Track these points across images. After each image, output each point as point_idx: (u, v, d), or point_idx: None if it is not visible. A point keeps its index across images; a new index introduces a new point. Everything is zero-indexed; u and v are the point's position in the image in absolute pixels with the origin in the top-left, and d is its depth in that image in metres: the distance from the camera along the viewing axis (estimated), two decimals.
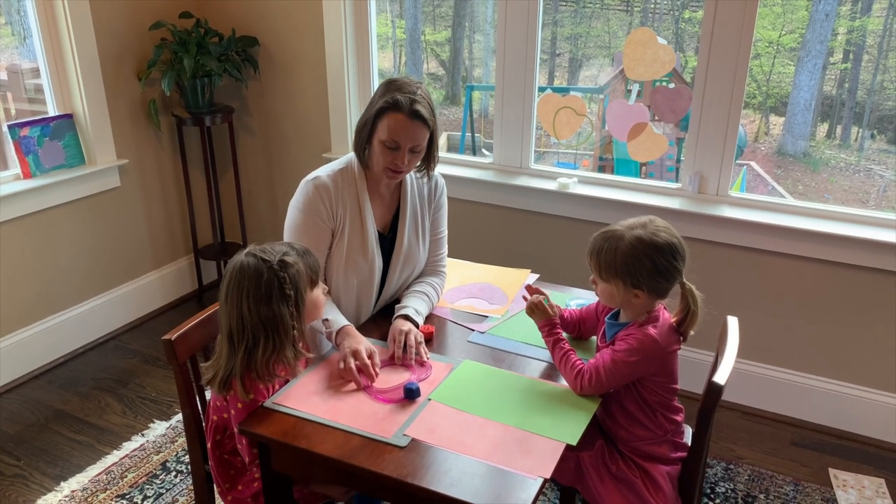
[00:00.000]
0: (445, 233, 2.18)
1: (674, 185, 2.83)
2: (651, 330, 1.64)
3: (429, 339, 1.89)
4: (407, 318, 1.90)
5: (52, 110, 3.15)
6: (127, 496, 2.39)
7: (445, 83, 7.81)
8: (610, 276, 1.65)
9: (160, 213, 3.58)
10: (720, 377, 1.63)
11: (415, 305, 1.96)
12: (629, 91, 4.90)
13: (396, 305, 1.97)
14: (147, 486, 2.43)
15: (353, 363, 1.71)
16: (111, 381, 3.05)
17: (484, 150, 5.37)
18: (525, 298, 1.84)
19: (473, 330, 1.97)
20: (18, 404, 2.90)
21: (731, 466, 2.53)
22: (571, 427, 1.57)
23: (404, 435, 1.53)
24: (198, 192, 3.65)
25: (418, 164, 1.98)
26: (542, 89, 2.95)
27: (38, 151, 3.03)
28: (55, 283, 3.16)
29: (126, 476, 2.48)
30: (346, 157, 2.02)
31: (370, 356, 1.73)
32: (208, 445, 1.77)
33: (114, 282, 3.43)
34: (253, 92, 3.52)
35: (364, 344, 1.76)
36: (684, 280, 1.67)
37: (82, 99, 3.11)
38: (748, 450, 2.62)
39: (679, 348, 1.71)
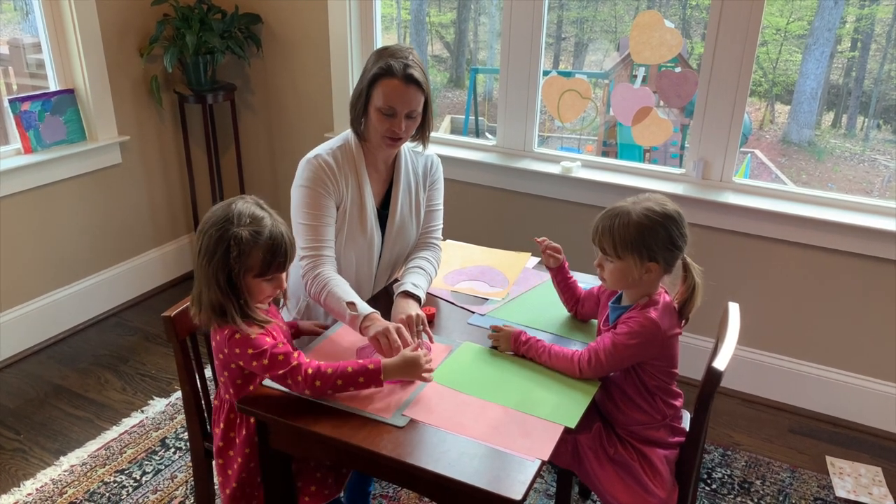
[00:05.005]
0: (441, 206, 2.16)
1: (678, 171, 2.82)
2: (652, 313, 1.64)
3: (429, 321, 1.88)
4: (408, 294, 1.89)
5: (53, 85, 3.13)
6: (126, 471, 2.40)
7: (449, 66, 7.75)
8: (624, 251, 1.63)
9: (161, 190, 3.57)
10: (720, 363, 1.62)
11: (413, 280, 1.94)
12: (634, 76, 4.88)
13: (395, 284, 1.96)
14: (146, 462, 2.44)
15: (387, 342, 1.64)
16: (111, 358, 3.06)
17: (487, 134, 5.35)
18: (489, 338, 1.81)
19: (473, 312, 1.96)
20: (18, 379, 2.91)
21: (729, 452, 2.53)
22: (570, 410, 1.56)
23: (403, 415, 1.53)
24: (199, 169, 3.63)
25: (415, 132, 1.97)
26: (546, 73, 2.93)
27: (39, 126, 3.01)
28: (56, 259, 3.16)
29: (125, 452, 2.49)
30: (343, 134, 2.01)
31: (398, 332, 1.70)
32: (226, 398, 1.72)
33: (115, 259, 3.43)
34: (255, 70, 3.50)
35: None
36: (685, 255, 1.67)
37: (83, 74, 3.08)
38: (746, 436, 2.63)
39: (680, 332, 1.71)
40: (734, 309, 1.86)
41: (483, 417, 1.53)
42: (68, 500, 2.27)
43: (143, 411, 2.70)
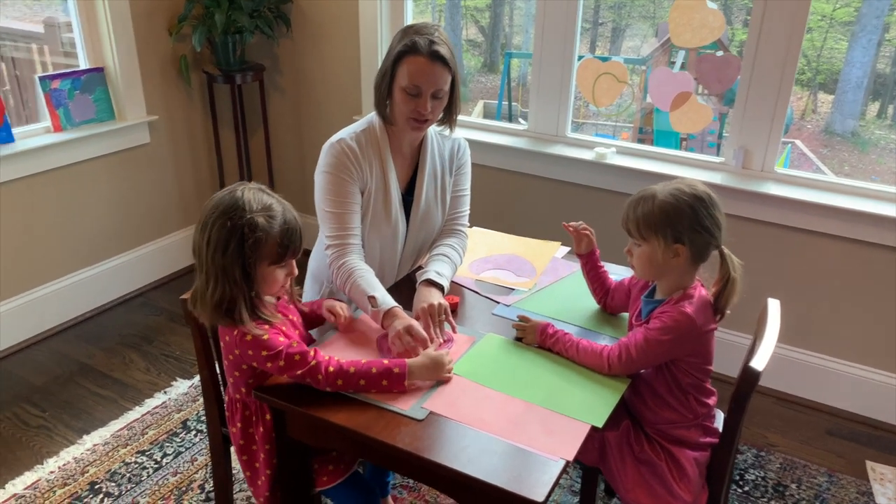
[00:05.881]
0: (468, 192, 2.08)
1: (717, 160, 2.71)
2: (687, 307, 1.56)
3: (452, 311, 1.81)
4: (431, 282, 1.82)
5: (83, 64, 3.12)
6: (147, 453, 2.39)
7: (484, 50, 7.66)
8: (649, 232, 1.55)
9: (189, 171, 3.56)
10: (758, 362, 1.54)
11: (437, 268, 1.87)
12: (672, 63, 4.74)
13: (418, 272, 1.90)
14: (167, 444, 2.43)
15: (409, 340, 1.60)
16: (136, 338, 3.06)
17: (520, 119, 5.29)
18: (514, 327, 1.75)
19: (499, 302, 1.90)
20: (46, 356, 2.92)
21: (763, 454, 2.44)
22: (598, 408, 1.49)
23: (422, 408, 1.47)
24: (227, 150, 3.61)
25: (442, 114, 1.89)
26: (580, 58, 2.83)
27: (69, 104, 3.00)
28: (84, 238, 3.16)
29: (147, 433, 2.48)
30: (367, 117, 1.95)
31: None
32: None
33: (142, 239, 3.43)
34: (284, 50, 3.45)
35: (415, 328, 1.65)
36: (723, 246, 1.58)
37: (113, 52, 3.07)
38: (781, 437, 2.53)
39: (716, 327, 1.62)
40: (774, 305, 1.77)
41: (505, 413, 1.47)
42: (89, 479, 2.27)
43: (165, 392, 2.70)
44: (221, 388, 1.87)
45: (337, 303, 1.77)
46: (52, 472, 2.29)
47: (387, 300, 1.71)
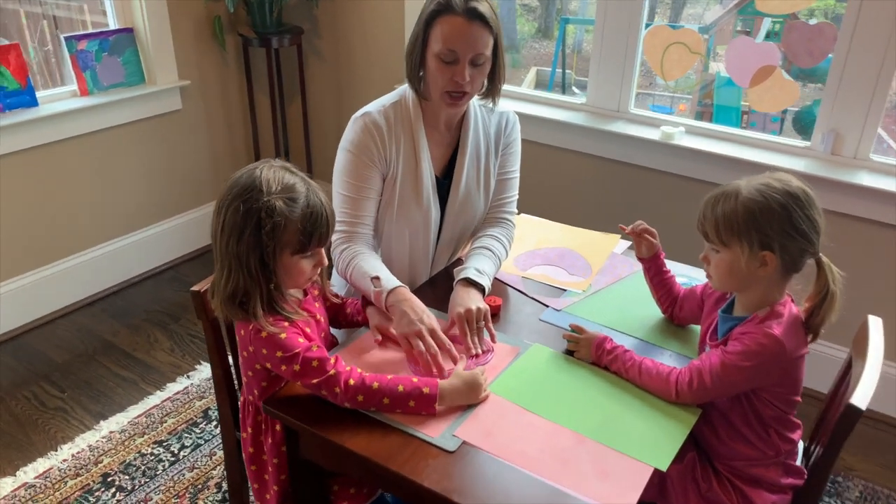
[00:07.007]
0: (517, 174, 1.83)
1: (801, 143, 2.39)
2: (774, 328, 1.29)
3: (493, 314, 1.57)
4: (470, 281, 1.58)
5: (112, 24, 2.94)
6: (164, 443, 2.24)
7: (539, 15, 7.35)
8: (730, 236, 1.29)
9: (223, 139, 3.38)
10: (860, 398, 1.29)
11: (478, 265, 1.63)
12: (738, 31, 4.35)
13: (456, 268, 1.67)
14: (186, 435, 2.28)
15: (432, 343, 1.39)
16: (163, 315, 2.92)
17: (574, 88, 5.02)
18: (565, 338, 1.51)
19: (548, 306, 1.65)
20: (70, 332, 2.81)
21: (839, 479, 2.16)
22: (661, 445, 1.26)
23: (454, 436, 1.26)
24: (263, 118, 3.42)
25: (484, 84, 1.64)
26: (647, 26, 2.53)
27: (96, 67, 2.84)
28: (112, 208, 3.02)
29: (166, 421, 2.33)
30: (401, 88, 1.70)
31: (431, 332, 1.42)
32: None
33: (173, 210, 3.27)
34: (324, 12, 3.21)
35: (427, 315, 1.45)
36: (820, 254, 1.31)
37: (143, 12, 2.88)
38: (861, 461, 2.25)
39: (807, 351, 1.36)
40: (876, 324, 1.49)
41: (551, 446, 1.24)
42: (102, 470, 2.14)
43: (188, 377, 2.55)
44: (237, 387, 1.68)
45: (390, 326, 1.52)
46: (64, 461, 2.17)
47: (390, 280, 1.50)
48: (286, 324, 1.32)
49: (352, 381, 1.29)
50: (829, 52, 2.23)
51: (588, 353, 1.46)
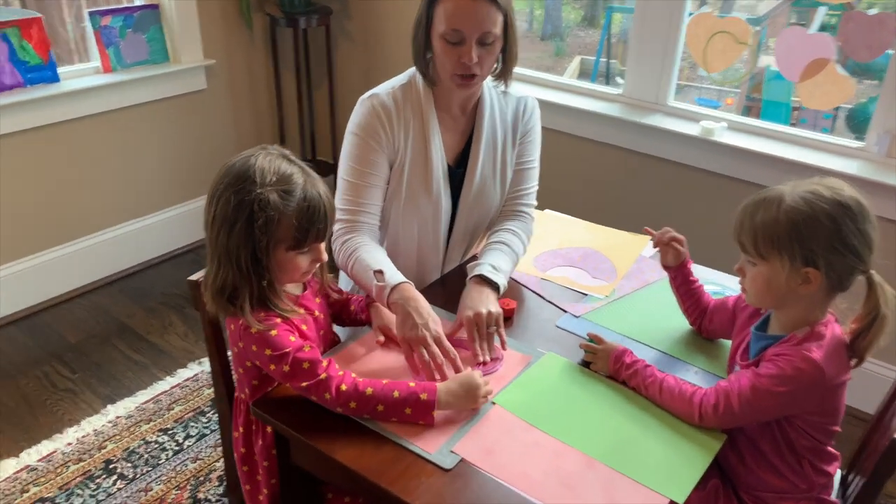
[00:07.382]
0: (536, 164, 1.70)
1: (854, 144, 2.21)
2: (814, 351, 1.16)
3: (506, 318, 1.46)
4: (484, 279, 1.47)
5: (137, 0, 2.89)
6: (169, 431, 2.19)
7: (584, 3, 7.18)
8: (769, 248, 1.16)
9: (248, 121, 3.31)
10: None
11: (493, 261, 1.51)
12: (792, 24, 4.13)
13: (469, 264, 1.55)
14: (192, 424, 2.22)
15: (438, 354, 1.29)
16: (180, 298, 2.87)
17: (618, 79, 4.89)
18: (582, 347, 1.39)
19: (566, 311, 1.54)
20: (86, 312, 2.78)
21: None
22: (680, 474, 1.14)
23: (451, 452, 1.16)
24: (289, 101, 3.34)
25: (494, 65, 1.53)
26: (691, 15, 2.37)
27: (120, 44, 2.78)
28: (134, 188, 2.98)
29: (173, 408, 2.28)
30: (411, 69, 1.60)
31: (437, 340, 1.31)
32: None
33: (196, 191, 3.22)
34: None
35: (433, 320, 1.34)
36: (871, 271, 1.17)
37: None
38: None
39: (849, 378, 1.22)
40: None
41: (557, 469, 1.13)
42: (105, 456, 2.09)
43: (200, 363, 2.49)
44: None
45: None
46: (69, 445, 2.13)
47: (394, 275, 1.40)
48: (278, 320, 1.24)
49: (344, 387, 1.20)
50: (888, 45, 2.05)
51: (605, 365, 1.34)
